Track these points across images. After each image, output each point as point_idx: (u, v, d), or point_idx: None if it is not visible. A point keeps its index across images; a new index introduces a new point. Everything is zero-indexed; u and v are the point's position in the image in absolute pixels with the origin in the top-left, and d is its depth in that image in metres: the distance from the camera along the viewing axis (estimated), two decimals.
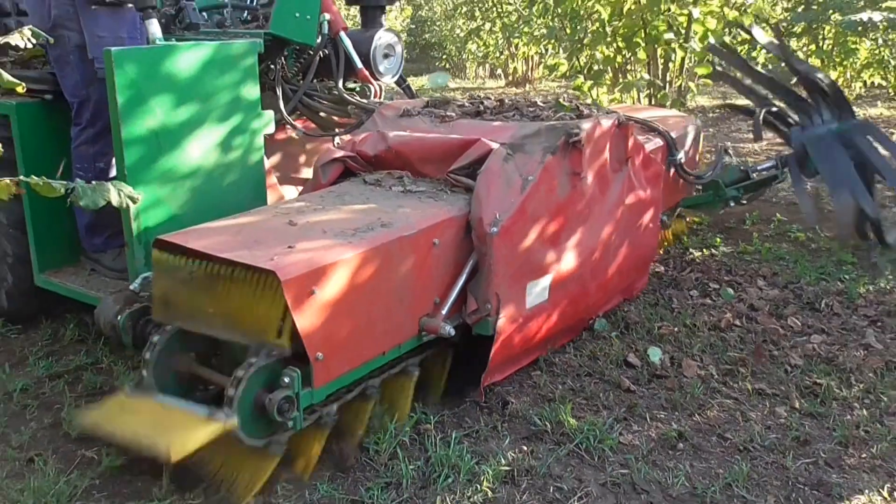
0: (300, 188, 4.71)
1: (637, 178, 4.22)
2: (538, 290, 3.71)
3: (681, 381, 3.81)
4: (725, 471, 3.11)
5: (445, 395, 3.68)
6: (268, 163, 4.18)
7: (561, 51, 12.53)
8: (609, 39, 9.87)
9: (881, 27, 10.34)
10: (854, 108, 5.85)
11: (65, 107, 4.06)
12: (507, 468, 3.14)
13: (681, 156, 4.53)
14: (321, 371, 2.95)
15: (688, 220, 5.66)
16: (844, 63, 11.15)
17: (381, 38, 4.74)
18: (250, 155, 4.01)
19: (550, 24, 12.13)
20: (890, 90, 12.15)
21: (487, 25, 15.68)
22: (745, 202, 5.14)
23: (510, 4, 14.02)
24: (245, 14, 4.63)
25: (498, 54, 16.60)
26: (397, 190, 3.70)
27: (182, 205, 3.77)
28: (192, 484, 3.02)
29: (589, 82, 9.90)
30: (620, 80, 10.27)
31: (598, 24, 10.01)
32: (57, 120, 4.10)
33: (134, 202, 2.35)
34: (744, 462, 3.15)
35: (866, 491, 2.96)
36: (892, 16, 9.99)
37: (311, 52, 4.51)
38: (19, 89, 2.40)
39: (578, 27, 10.76)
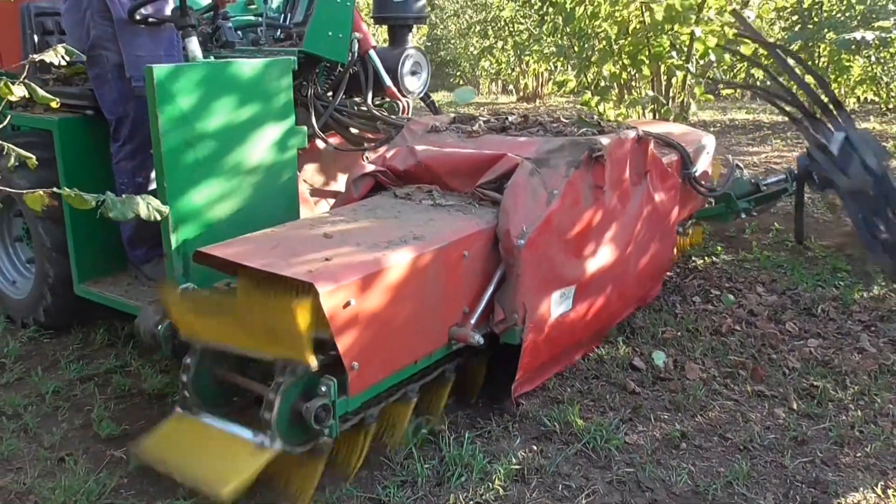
0: (329, 200, 4.60)
1: (655, 191, 4.09)
2: (563, 300, 3.59)
3: (684, 383, 3.79)
4: (726, 469, 3.10)
5: (478, 402, 3.61)
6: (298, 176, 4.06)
7: (569, 68, 12.43)
8: (615, 57, 9.77)
9: (873, 45, 10.23)
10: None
11: (105, 122, 3.96)
12: (517, 467, 3.12)
13: (695, 169, 4.39)
14: (356, 380, 2.85)
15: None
16: (839, 80, 10.99)
17: (409, 55, 4.63)
18: (284, 170, 3.89)
19: (560, 42, 12.04)
20: (882, 105, 11.97)
21: (500, 44, 15.59)
22: (755, 214, 4.99)
23: (521, 24, 13.91)
24: (278, 32, 4.49)
25: (510, 71, 16.51)
26: (427, 203, 3.58)
27: (218, 218, 3.65)
28: None
29: (596, 98, 9.82)
30: (626, 96, 10.17)
31: (604, 43, 9.90)
32: (97, 135, 3.99)
33: (161, 215, 2.26)
34: (744, 461, 3.14)
35: (861, 488, 2.96)
36: (883, 35, 9.88)
37: (342, 70, 4.39)
38: (53, 104, 2.35)
39: (586, 45, 10.66)
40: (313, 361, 2.69)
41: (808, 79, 5.29)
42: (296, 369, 2.77)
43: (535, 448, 3.26)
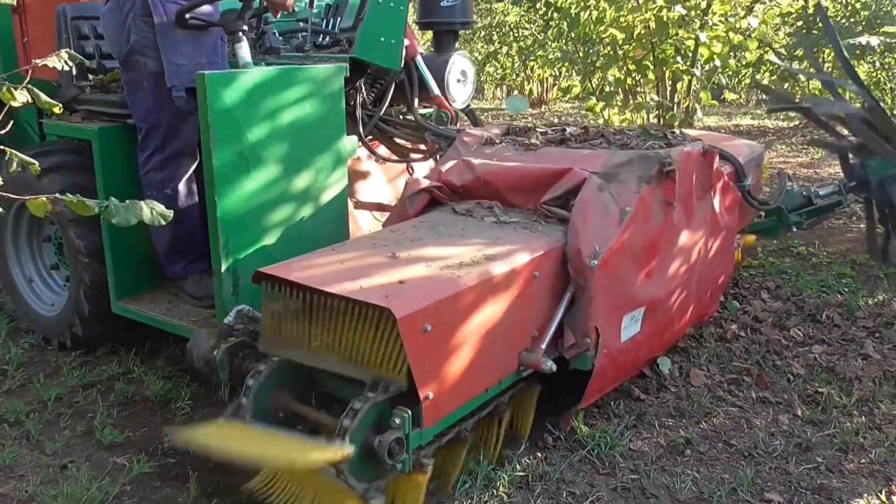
0: (373, 213, 4.31)
1: (718, 206, 3.82)
2: (632, 323, 3.32)
3: (688, 389, 3.70)
4: (731, 476, 3.04)
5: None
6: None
7: (574, 73, 12.22)
8: (620, 62, 9.56)
9: (878, 51, 10.05)
10: None
11: None
12: (521, 474, 3.04)
13: (749, 182, 4.13)
14: (430, 411, 2.58)
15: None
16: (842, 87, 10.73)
17: (455, 62, 4.31)
18: (334, 181, 3.60)
19: (565, 47, 11.84)
20: (888, 110, 11.76)
21: (504, 49, 15.29)
22: (805, 228, 4.73)
23: (526, 29, 13.64)
24: (321, 38, 4.18)
25: (514, 76, 16.25)
26: (490, 220, 3.29)
27: (268, 233, 3.36)
28: (218, 491, 2.94)
29: (601, 103, 9.64)
30: (631, 102, 9.98)
31: (609, 48, 9.69)
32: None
33: (166, 220, 2.11)
34: (748, 467, 3.08)
35: (864, 495, 2.90)
36: (888, 40, 9.70)
37: (387, 78, 4.08)
38: (56, 110, 2.21)
39: (591, 51, 10.47)
40: (405, 381, 2.49)
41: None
42: (388, 387, 2.54)
43: (539, 455, 3.17)
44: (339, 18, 4.14)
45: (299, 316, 2.71)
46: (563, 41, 11.73)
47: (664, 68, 9.43)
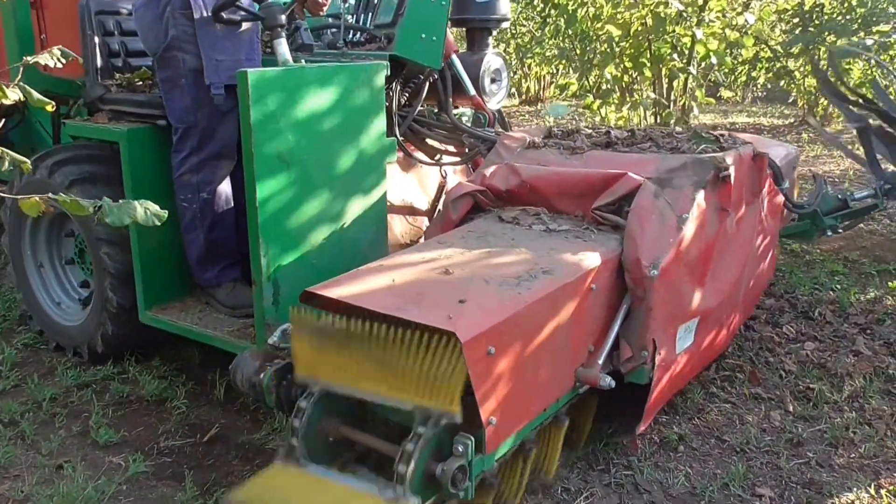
0: (406, 217, 4.10)
1: (765, 210, 3.65)
2: (687, 334, 3.14)
3: None
4: (723, 471, 3.03)
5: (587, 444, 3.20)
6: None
7: (571, 71, 12.04)
8: (617, 60, 9.40)
9: (873, 49, 9.94)
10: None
11: None
12: None
13: (786, 185, 3.96)
14: (493, 436, 2.38)
15: None
16: (837, 82, 10.61)
17: (489, 61, 4.10)
18: (374, 185, 3.40)
19: (562, 44, 11.63)
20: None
21: (501, 46, 15.07)
22: (841, 231, 4.56)
23: (523, 26, 13.40)
24: (354, 35, 3.95)
25: (511, 74, 16.01)
26: (539, 229, 3.09)
27: (309, 239, 3.17)
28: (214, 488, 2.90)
29: (598, 101, 9.47)
30: (628, 99, 9.81)
31: (606, 45, 9.52)
32: (169, 146, 3.47)
33: (160, 220, 1.97)
34: (740, 463, 3.06)
35: (854, 489, 2.90)
36: (883, 39, 9.59)
37: (421, 76, 3.86)
38: (48, 108, 2.11)
39: (588, 48, 10.29)
40: (459, 412, 2.26)
41: None
42: (439, 420, 2.31)
43: None
44: (371, 14, 3.89)
45: (342, 341, 2.45)
46: (561, 38, 11.52)
47: (661, 65, 9.26)
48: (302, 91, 3.02)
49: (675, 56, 9.10)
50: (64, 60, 2.12)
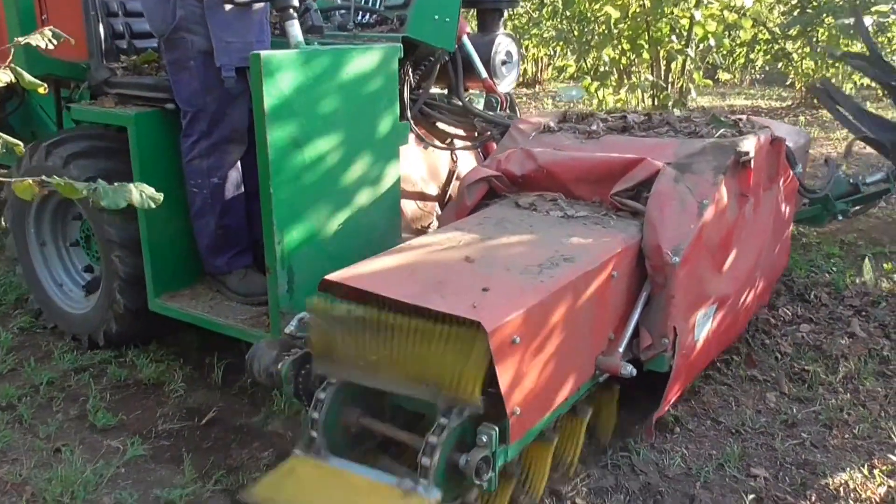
0: (416, 201, 4.02)
1: (782, 196, 3.59)
2: (705, 320, 3.09)
3: None
4: (718, 452, 3.03)
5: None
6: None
7: (569, 52, 11.94)
8: (615, 41, 9.32)
9: (871, 30, 9.87)
10: None
11: None
12: None
13: (799, 169, 3.90)
14: (517, 426, 2.33)
15: None
16: (836, 64, 10.57)
17: (501, 43, 4.01)
18: (388, 170, 3.33)
19: (559, 26, 11.54)
20: (879, 91, 11.59)
21: None
22: (850, 216, 4.51)
23: (521, 7, 13.28)
24: (364, 16, 3.85)
25: None
26: (556, 215, 3.03)
27: (323, 225, 3.10)
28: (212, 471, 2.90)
29: (596, 83, 9.40)
30: (625, 82, 9.74)
31: (604, 27, 9.44)
32: (178, 129, 3.38)
33: (155, 203, 1.90)
34: (735, 444, 3.07)
35: (848, 469, 2.91)
36: (881, 19, 9.52)
37: (433, 58, 3.77)
38: (41, 90, 2.02)
39: (586, 29, 10.20)
40: (480, 403, 2.22)
41: None
42: (462, 411, 2.26)
43: None
44: None
45: (360, 330, 2.39)
46: (558, 19, 11.43)
47: (658, 47, 9.19)
48: (316, 74, 2.94)
49: (673, 38, 9.03)
50: (56, 41, 2.05)
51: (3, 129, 4.62)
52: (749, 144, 3.12)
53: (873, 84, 11.07)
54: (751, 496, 2.77)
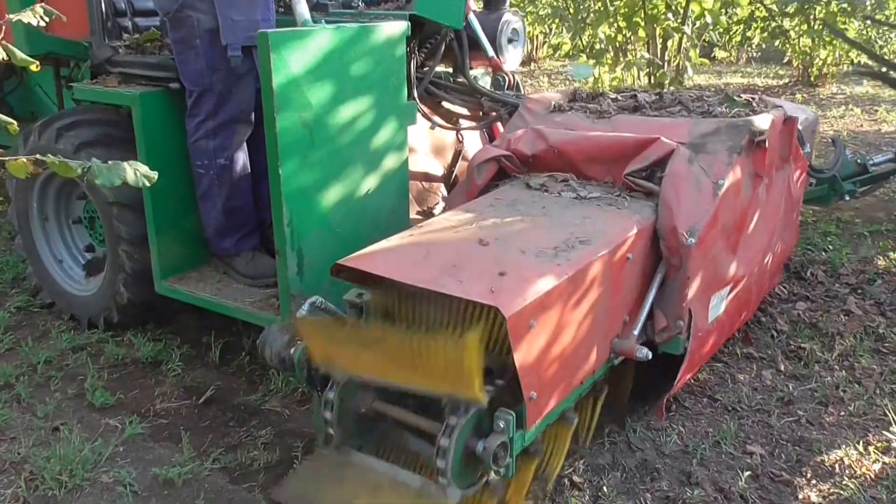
0: (421, 182, 3.97)
1: (792, 176, 3.55)
2: (718, 303, 3.05)
3: None
4: (714, 429, 3.04)
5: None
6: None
7: (564, 30, 11.83)
8: (611, 19, 9.24)
9: (869, 7, 9.82)
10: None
11: None
12: None
13: (808, 149, 3.86)
14: (533, 410, 2.30)
15: None
16: (834, 42, 10.50)
17: (507, 21, 3.93)
18: (396, 149, 3.27)
19: (555, 3, 11.44)
20: (876, 69, 11.54)
21: None
22: (858, 196, 4.47)
23: None
24: None
25: None
26: (569, 196, 2.97)
27: (332, 207, 3.03)
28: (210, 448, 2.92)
29: (591, 61, 9.32)
30: (621, 59, 9.67)
31: (600, 4, 9.35)
32: (183, 109, 3.32)
33: (150, 182, 1.88)
34: (732, 421, 3.08)
35: (843, 446, 2.92)
36: None
37: (438, 36, 3.70)
38: (33, 67, 1.98)
39: (582, 7, 10.10)
40: (485, 399, 2.17)
41: None
42: (467, 408, 2.21)
43: None
44: None
45: (357, 342, 2.36)
46: None
47: (655, 25, 9.11)
48: (325, 53, 2.87)
49: (669, 15, 8.94)
50: (47, 18, 2.02)
51: (2, 108, 4.59)
52: (764, 124, 3.07)
53: (870, 62, 11.08)
54: (747, 473, 2.77)
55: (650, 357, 2.69)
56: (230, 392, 3.33)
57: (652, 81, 9.39)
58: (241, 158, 3.30)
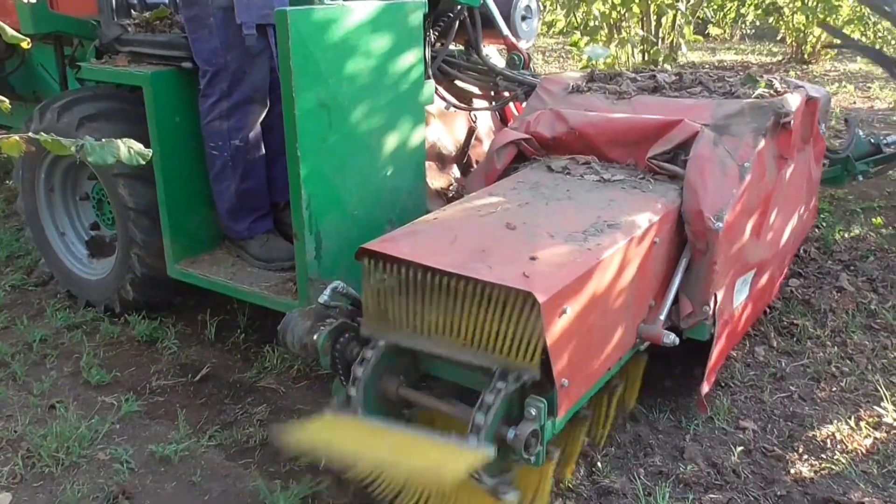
0: (434, 162, 3.87)
1: (812, 156, 3.48)
2: (743, 287, 2.99)
3: None
4: (708, 405, 2.96)
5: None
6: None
7: (559, 7, 11.70)
8: None
9: None
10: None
11: None
12: None
13: (823, 129, 3.79)
14: (564, 398, 2.22)
15: None
16: (827, 19, 10.44)
17: None
18: (413, 130, 3.16)
19: None
20: (869, 46, 11.50)
21: None
22: (871, 176, 4.41)
23: None
24: None
25: None
26: (592, 179, 2.89)
27: (350, 189, 2.94)
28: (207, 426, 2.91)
29: (585, 38, 9.22)
30: (615, 36, 9.58)
31: None
32: (195, 89, 3.21)
33: (144, 159, 1.84)
34: (725, 397, 3.07)
35: (835, 421, 2.91)
36: None
37: (452, 14, 3.59)
38: (24, 45, 1.94)
39: None
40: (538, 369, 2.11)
41: None
42: (520, 376, 2.14)
43: None
44: None
45: (409, 296, 2.28)
46: None
47: (649, 2, 9.02)
48: (343, 31, 2.77)
49: None
50: None
51: (3, 88, 4.46)
52: (788, 104, 3.00)
53: (864, 39, 11.02)
54: (739, 448, 2.76)
55: (677, 343, 2.63)
56: (226, 369, 3.31)
57: (646, 58, 9.32)
58: (256, 139, 3.20)
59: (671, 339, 2.61)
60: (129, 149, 1.82)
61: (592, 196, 2.73)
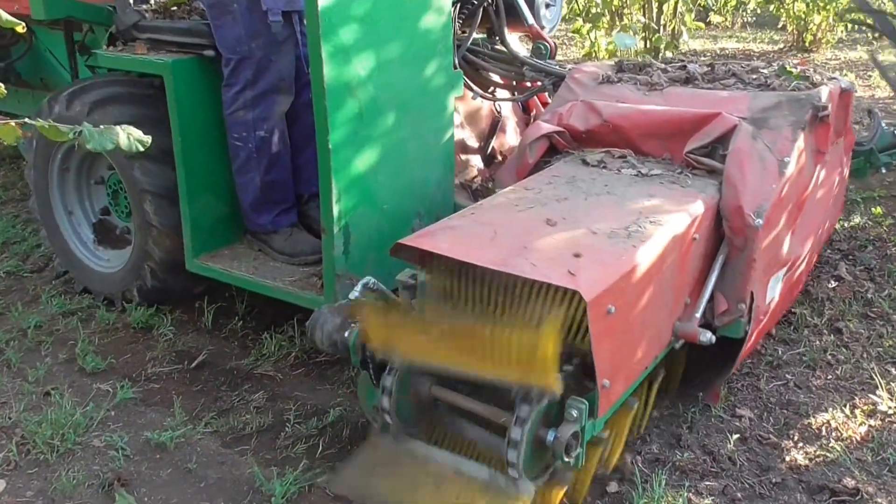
0: (458, 154, 3.77)
1: (843, 150, 3.39)
2: (775, 284, 2.91)
3: None
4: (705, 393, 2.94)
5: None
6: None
7: None
8: None
9: None
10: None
11: None
12: None
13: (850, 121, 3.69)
14: (605, 398, 2.15)
15: None
16: (828, 7, 10.34)
17: None
18: (442, 121, 3.07)
19: None
20: (869, 34, 11.40)
21: None
22: (894, 168, 4.32)
23: None
24: None
25: None
26: (629, 173, 2.80)
27: (379, 183, 2.84)
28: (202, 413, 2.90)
29: (587, 25, 9.11)
30: (617, 23, 9.48)
31: None
32: (217, 78, 3.09)
33: (144, 146, 1.78)
34: (721, 385, 2.97)
35: (830, 409, 2.90)
36: None
37: (476, 2, 3.48)
38: (19, 29, 1.90)
39: None
40: (559, 389, 2.03)
41: None
42: (540, 397, 2.06)
43: None
44: None
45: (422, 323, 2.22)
46: None
47: None
48: (373, 17, 2.66)
49: None
50: None
51: (10, 75, 4.33)
52: (825, 97, 2.91)
53: (863, 28, 10.94)
54: (735, 436, 2.74)
55: (714, 341, 2.55)
56: (222, 356, 3.28)
57: (648, 45, 9.21)
58: (281, 130, 3.09)
59: (707, 337, 2.53)
60: (128, 136, 1.78)
61: (631, 191, 2.64)
